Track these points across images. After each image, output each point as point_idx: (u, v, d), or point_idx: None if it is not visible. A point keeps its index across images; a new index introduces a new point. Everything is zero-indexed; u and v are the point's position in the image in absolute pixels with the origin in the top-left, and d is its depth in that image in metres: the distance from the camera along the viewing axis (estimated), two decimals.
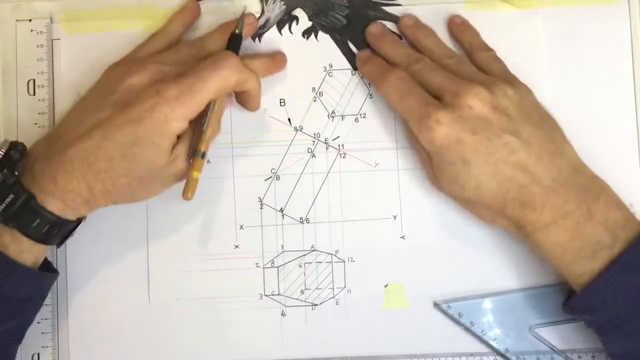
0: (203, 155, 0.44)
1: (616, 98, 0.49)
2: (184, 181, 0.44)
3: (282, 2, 0.49)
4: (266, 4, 0.49)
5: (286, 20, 0.50)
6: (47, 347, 0.48)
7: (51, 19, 0.50)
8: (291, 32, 0.50)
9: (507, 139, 0.42)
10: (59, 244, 0.45)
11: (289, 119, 0.50)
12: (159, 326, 0.49)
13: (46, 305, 0.48)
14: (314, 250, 0.49)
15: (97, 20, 0.50)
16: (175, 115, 0.41)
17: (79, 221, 0.44)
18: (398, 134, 0.50)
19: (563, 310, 0.47)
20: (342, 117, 0.50)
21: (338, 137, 0.50)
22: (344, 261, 0.49)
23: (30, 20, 0.50)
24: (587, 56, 0.50)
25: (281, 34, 0.50)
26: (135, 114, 0.41)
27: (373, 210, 0.49)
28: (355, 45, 0.50)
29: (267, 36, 0.50)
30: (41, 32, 0.50)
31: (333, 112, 0.50)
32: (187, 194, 0.43)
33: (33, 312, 0.45)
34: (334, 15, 0.49)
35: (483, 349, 0.48)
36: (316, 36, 0.50)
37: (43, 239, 0.42)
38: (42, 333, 0.48)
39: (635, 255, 0.40)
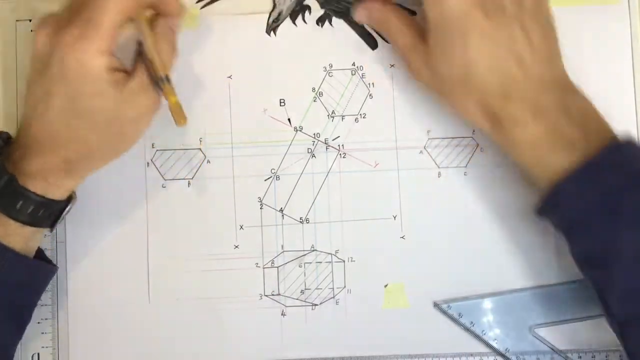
0: (168, 79, 0.42)
1: (616, 98, 0.49)
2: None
3: None
4: None
5: (298, 10, 0.50)
6: (47, 347, 0.48)
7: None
8: (305, 22, 0.50)
9: (515, 29, 0.41)
10: (51, 227, 0.44)
11: (289, 119, 0.50)
12: (159, 326, 0.49)
13: (46, 305, 0.48)
14: (314, 250, 0.49)
15: None
16: (88, 55, 0.39)
17: (68, 201, 0.44)
18: (398, 134, 0.50)
19: (534, 214, 0.45)
20: (342, 117, 0.50)
21: (338, 137, 0.50)
22: (344, 261, 0.49)
23: (30, 20, 0.50)
24: (587, 56, 0.50)
25: (295, 24, 0.50)
26: (54, 73, 0.40)
27: (373, 210, 0.49)
28: (370, 26, 0.50)
29: (281, 29, 0.50)
30: None
31: (333, 112, 0.50)
32: (179, 121, 0.43)
33: (26, 305, 0.45)
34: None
35: (483, 349, 0.48)
36: (330, 22, 0.50)
37: (29, 221, 0.41)
38: (42, 333, 0.48)
39: (605, 157, 0.40)
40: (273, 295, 0.49)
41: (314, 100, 0.50)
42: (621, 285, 0.40)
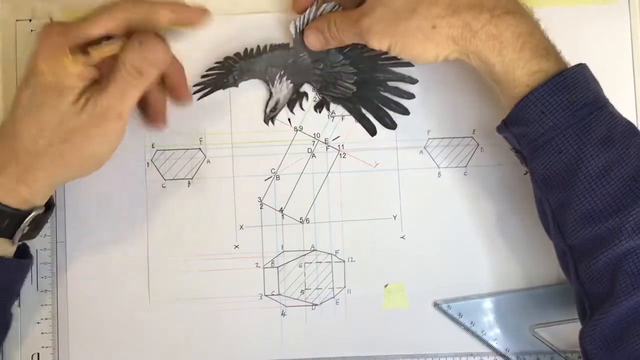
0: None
1: (616, 98, 0.49)
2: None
3: (289, 81, 0.49)
4: (272, 86, 0.49)
5: (295, 98, 0.49)
6: (47, 347, 0.48)
7: (51, 19, 0.50)
8: (302, 109, 0.50)
9: None
10: (11, 238, 0.42)
11: (289, 119, 0.50)
12: (159, 326, 0.49)
13: (46, 305, 0.48)
14: (314, 250, 0.49)
15: None
16: (60, 51, 0.39)
17: (29, 213, 0.42)
18: (398, 134, 0.50)
19: (497, 131, 0.44)
20: (342, 117, 0.50)
21: (338, 137, 0.50)
22: (344, 261, 0.49)
23: (30, 20, 0.50)
24: (587, 56, 0.49)
25: (293, 113, 0.50)
26: (29, 67, 0.40)
27: (373, 210, 0.49)
28: (368, 110, 0.49)
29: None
30: None
31: (333, 112, 0.50)
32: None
33: (4, 307, 0.44)
34: (342, 84, 0.49)
35: (483, 349, 0.48)
36: (328, 108, 0.50)
37: None
38: (42, 333, 0.48)
39: (574, 73, 0.40)
40: (273, 295, 0.49)
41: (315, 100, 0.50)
42: (580, 207, 0.39)
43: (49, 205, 0.44)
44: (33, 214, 0.42)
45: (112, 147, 0.42)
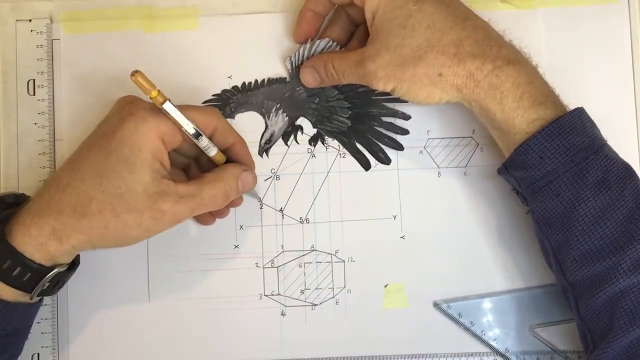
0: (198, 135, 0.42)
1: (616, 98, 0.49)
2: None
3: (285, 114, 0.49)
4: (268, 119, 0.49)
5: (291, 131, 0.50)
6: (47, 347, 0.48)
7: (51, 19, 0.50)
8: (297, 142, 0.50)
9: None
10: (30, 292, 0.41)
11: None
12: (159, 326, 0.49)
13: (46, 305, 0.48)
14: (313, 250, 0.49)
15: (97, 21, 0.50)
16: (147, 128, 0.40)
17: (52, 269, 0.41)
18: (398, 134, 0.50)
19: (498, 173, 0.45)
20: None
21: None
22: (344, 261, 0.49)
23: (30, 20, 0.50)
24: (587, 56, 0.50)
25: (288, 145, 0.50)
26: (106, 130, 0.41)
27: (373, 210, 0.49)
28: (362, 145, 0.50)
29: (274, 149, 0.50)
30: (41, 32, 0.50)
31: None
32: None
33: (21, 342, 0.44)
34: (337, 118, 0.49)
35: (483, 349, 0.48)
36: (323, 142, 0.50)
37: (2, 277, 0.39)
38: (42, 333, 0.48)
39: (570, 119, 0.41)
40: (273, 295, 0.49)
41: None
42: (579, 247, 0.41)
43: (73, 264, 0.43)
44: (55, 270, 0.41)
45: (152, 235, 0.42)
